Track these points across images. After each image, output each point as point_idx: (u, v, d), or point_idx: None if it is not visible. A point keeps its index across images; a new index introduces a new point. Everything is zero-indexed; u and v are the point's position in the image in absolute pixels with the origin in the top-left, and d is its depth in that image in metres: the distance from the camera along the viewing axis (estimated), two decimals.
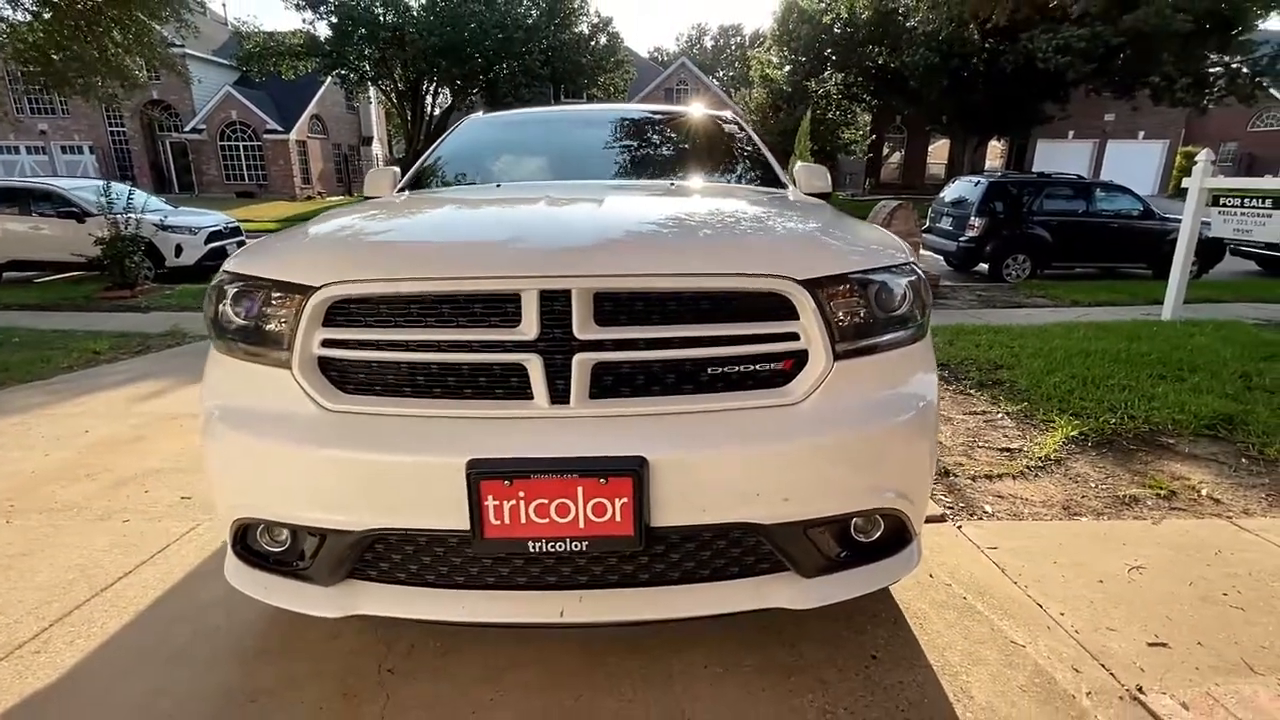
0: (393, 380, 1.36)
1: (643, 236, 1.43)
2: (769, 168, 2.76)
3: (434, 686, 1.58)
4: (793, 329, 1.35)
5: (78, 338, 5.90)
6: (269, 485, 1.38)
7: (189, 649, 1.73)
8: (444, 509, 1.26)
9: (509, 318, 1.30)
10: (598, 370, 1.31)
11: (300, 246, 1.51)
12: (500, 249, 1.34)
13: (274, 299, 1.39)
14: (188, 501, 2.67)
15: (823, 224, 1.63)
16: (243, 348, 1.44)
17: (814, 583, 1.41)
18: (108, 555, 2.21)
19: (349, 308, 1.35)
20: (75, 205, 9.66)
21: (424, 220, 1.72)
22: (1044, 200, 9.92)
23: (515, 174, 2.50)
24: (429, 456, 1.25)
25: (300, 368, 1.35)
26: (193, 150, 28.89)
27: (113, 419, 3.72)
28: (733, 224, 1.59)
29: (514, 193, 2.11)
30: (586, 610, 1.36)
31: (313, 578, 1.41)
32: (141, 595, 1.97)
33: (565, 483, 1.23)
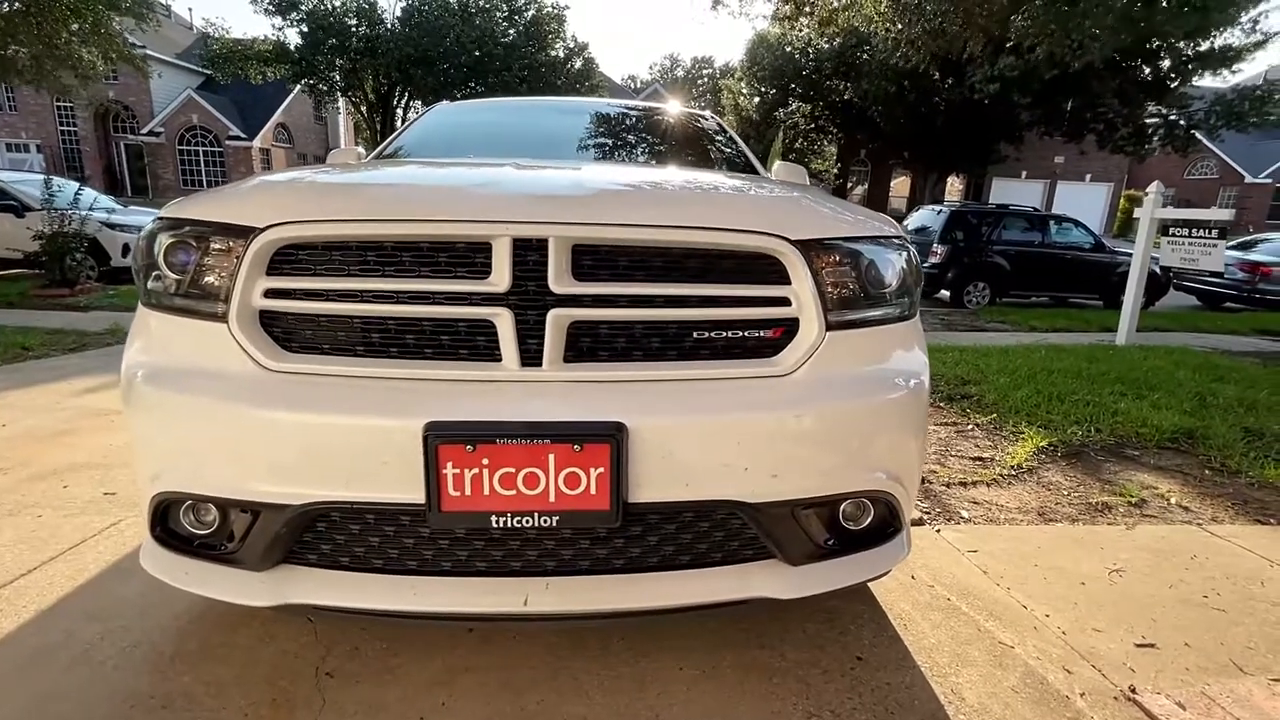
0: (344, 337, 1.22)
1: (628, 188, 1.34)
2: (748, 161, 2.71)
3: (379, 690, 1.41)
4: (784, 294, 1.27)
5: (6, 333, 5.50)
6: (196, 454, 1.21)
7: (94, 650, 1.51)
8: (396, 479, 1.12)
9: (477, 269, 1.18)
10: (574, 331, 1.20)
11: (245, 188, 1.36)
12: (471, 193, 1.23)
13: (211, 246, 1.24)
14: (111, 497, 2.43)
15: (813, 194, 1.56)
16: (173, 301, 1.28)
17: (801, 571, 1.30)
18: (10, 550, 1.96)
19: (296, 254, 1.21)
20: (14, 199, 9.15)
21: (388, 171, 1.59)
22: (1002, 230, 10.25)
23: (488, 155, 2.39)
24: (381, 419, 1.11)
25: (238, 321, 1.20)
26: (149, 153, 27.93)
27: (36, 412, 3.42)
28: (721, 186, 1.50)
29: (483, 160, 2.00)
30: (554, 599, 1.22)
31: (242, 561, 1.25)
32: (46, 592, 1.74)
33: (535, 449, 1.10)
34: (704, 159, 2.72)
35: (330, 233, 1.18)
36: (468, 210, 1.18)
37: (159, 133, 27.41)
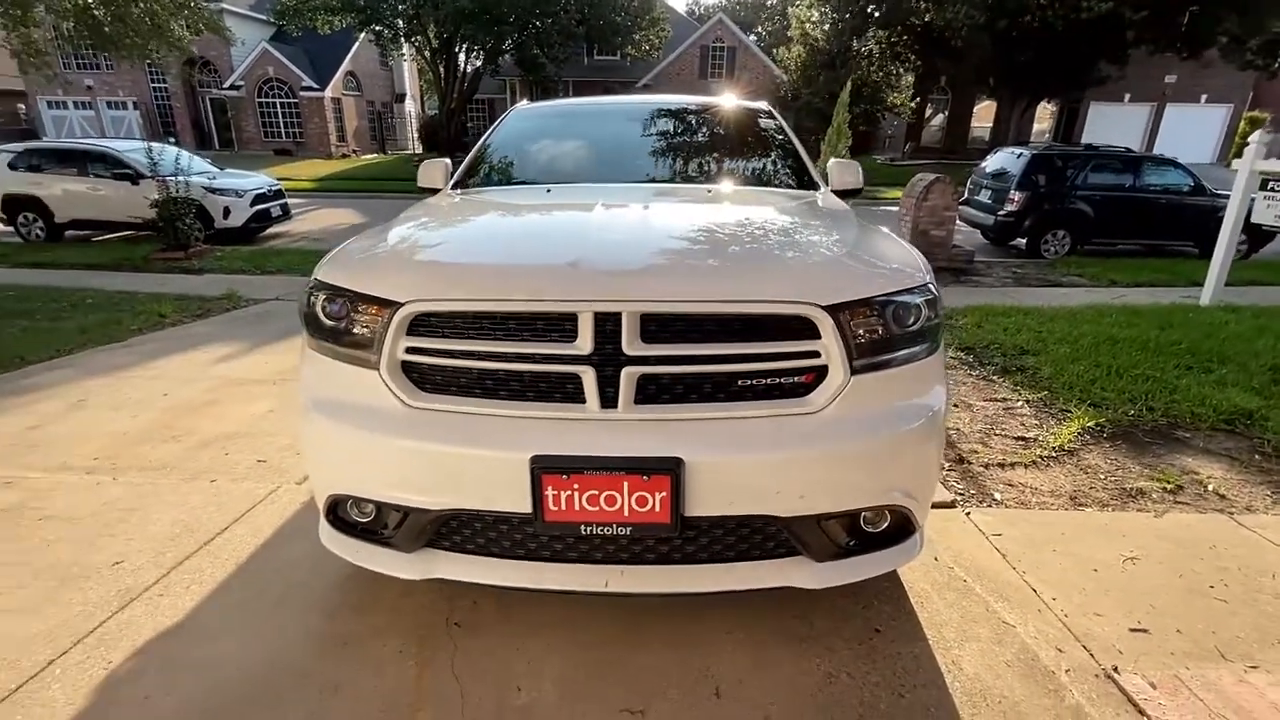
0: (465, 382, 1.58)
1: (685, 264, 1.61)
2: (802, 166, 2.87)
3: (494, 639, 1.85)
4: (815, 348, 1.53)
5: (141, 300, 6.29)
6: (360, 468, 1.62)
7: (286, 597, 2.03)
8: (510, 495, 1.49)
9: (566, 334, 1.50)
10: (642, 380, 1.51)
11: (386, 263, 1.72)
12: (561, 275, 1.53)
13: (364, 309, 1.61)
14: (263, 465, 2.98)
15: (849, 245, 1.78)
16: (336, 349, 1.67)
17: (825, 566, 1.62)
18: (204, 512, 2.52)
19: (429, 320, 1.56)
20: (129, 167, 10.04)
21: (490, 238, 1.92)
22: (1089, 174, 9.63)
23: (561, 173, 2.67)
24: (498, 451, 1.48)
25: (387, 370, 1.58)
26: (232, 107, 29.29)
27: (186, 383, 4.06)
28: (765, 248, 1.75)
29: (563, 199, 2.29)
30: (627, 582, 1.59)
31: (396, 545, 1.67)
32: (238, 550, 2.28)
33: (613, 478, 1.44)
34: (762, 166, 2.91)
35: (454, 308, 1.53)
36: (558, 292, 1.49)
37: (239, 86, 28.60)
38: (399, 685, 1.69)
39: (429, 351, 1.57)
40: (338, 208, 14.78)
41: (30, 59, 10.93)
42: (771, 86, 25.90)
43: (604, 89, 30.19)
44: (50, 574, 2.12)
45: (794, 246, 1.77)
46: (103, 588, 2.06)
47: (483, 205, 2.31)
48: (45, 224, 10.16)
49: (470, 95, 27.38)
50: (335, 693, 1.66)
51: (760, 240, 1.80)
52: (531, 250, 1.73)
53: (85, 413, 3.57)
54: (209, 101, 29.84)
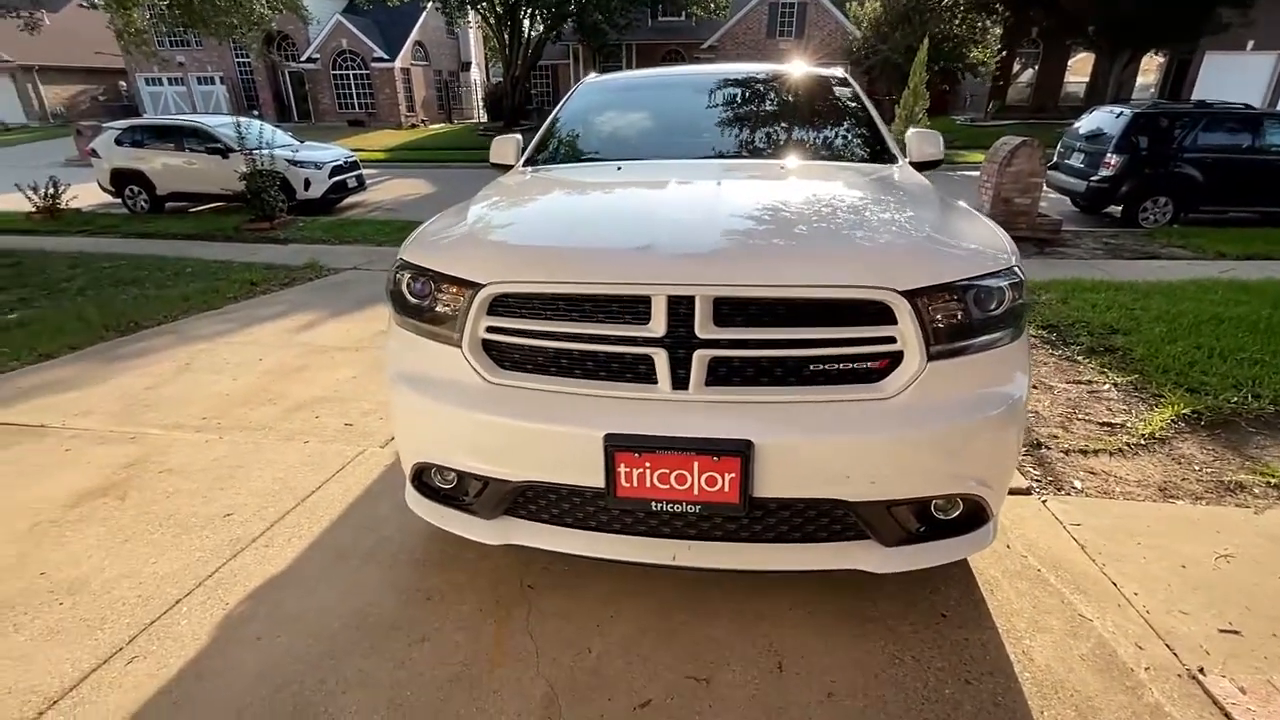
0: (541, 361, 1.64)
1: (757, 247, 1.60)
2: (878, 137, 2.77)
3: (566, 602, 1.95)
4: (890, 333, 1.50)
5: (235, 269, 6.74)
6: (443, 439, 1.73)
7: (374, 553, 2.19)
8: (584, 471, 1.56)
9: (640, 316, 1.53)
10: (713, 363, 1.53)
11: (467, 244, 1.79)
12: (635, 258, 1.55)
13: (447, 289, 1.69)
14: (350, 428, 3.18)
15: (928, 225, 1.72)
16: (420, 325, 1.76)
17: (893, 551, 1.62)
18: (299, 472, 2.74)
19: (507, 300, 1.62)
20: (220, 141, 10.64)
21: (564, 220, 1.95)
22: (1199, 134, 8.78)
23: (631, 149, 2.67)
24: (574, 428, 1.54)
25: (469, 347, 1.66)
26: (308, 80, 30.37)
27: (278, 349, 4.36)
28: (841, 230, 1.71)
29: (634, 177, 2.30)
30: (694, 557, 1.64)
31: (476, 511, 1.78)
32: (331, 507, 2.47)
33: (684, 458, 1.48)
34: (837, 137, 2.81)
35: (531, 290, 1.58)
36: (632, 275, 1.52)
37: (315, 59, 29.56)
38: (479, 640, 1.82)
39: (508, 331, 1.63)
40: (409, 178, 15.23)
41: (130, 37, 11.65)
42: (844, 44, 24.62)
43: (667, 52, 29.55)
44: (173, 522, 2.37)
45: (871, 228, 1.73)
46: (216, 537, 2.28)
47: (555, 184, 2.35)
48: (148, 196, 10.95)
49: (534, 62, 27.34)
50: (422, 644, 1.80)
51: (836, 221, 1.76)
52: (606, 233, 1.76)
53: (191, 375, 3.90)
54: (288, 75, 31.03)
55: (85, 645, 1.80)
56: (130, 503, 2.50)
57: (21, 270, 6.61)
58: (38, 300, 5.64)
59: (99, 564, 2.14)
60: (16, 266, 6.75)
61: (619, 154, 2.62)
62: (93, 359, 4.22)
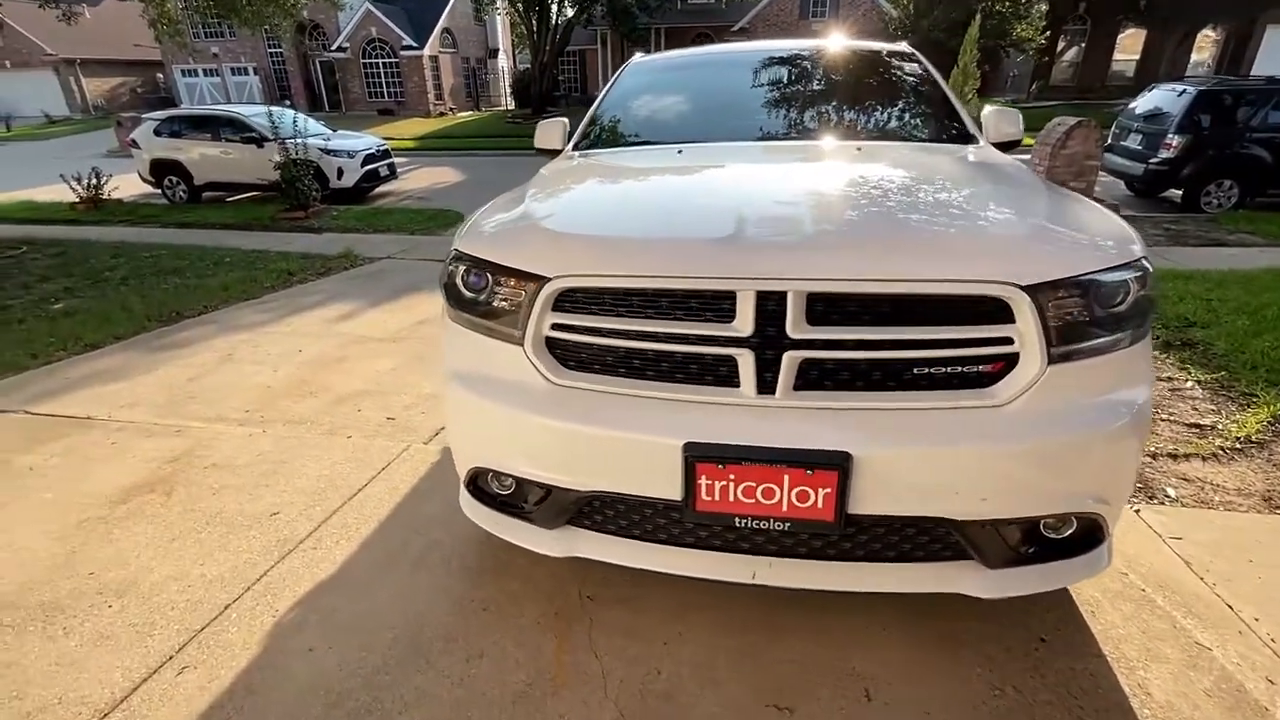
0: (611, 361, 1.51)
1: (858, 236, 1.44)
2: (956, 116, 2.56)
3: (629, 616, 1.83)
4: (1007, 333, 1.34)
5: (271, 258, 6.75)
6: (501, 444, 1.61)
7: (425, 557, 2.10)
8: (659, 481, 1.43)
9: (723, 314, 1.39)
10: (804, 365, 1.38)
11: (531, 234, 1.65)
12: (719, 249, 1.40)
13: (508, 283, 1.57)
14: (392, 422, 3.11)
15: (1043, 212, 1.54)
16: (476, 321, 1.64)
17: (998, 574, 1.46)
18: (344, 468, 2.66)
19: (575, 295, 1.49)
20: (254, 131, 10.69)
21: (636, 208, 1.79)
22: (1268, 112, 8.24)
23: (689, 131, 2.50)
24: (650, 436, 1.41)
25: (532, 346, 1.54)
26: (339, 69, 30.56)
27: (318, 339, 4.32)
28: (948, 215, 1.54)
29: (698, 161, 2.14)
30: (775, 575, 1.51)
31: (536, 520, 1.67)
32: (379, 506, 2.39)
33: (774, 470, 1.34)
34: (912, 117, 2.61)
35: (603, 284, 1.45)
36: (716, 268, 1.37)
37: (345, 48, 29.73)
38: (540, 657, 1.71)
39: (575, 328, 1.50)
40: (438, 166, 15.21)
41: (164, 27, 11.75)
42: (880, 24, 23.89)
43: (697, 35, 29.00)
44: (220, 521, 2.31)
45: (981, 215, 1.55)
46: (264, 537, 2.21)
47: (615, 170, 2.20)
48: (187, 186, 11.08)
49: (562, 48, 27.08)
50: (480, 659, 1.70)
51: (939, 208, 1.59)
52: (682, 222, 1.61)
53: (233, 366, 3.87)
54: (318, 64, 31.27)
55: (135, 653, 1.73)
56: (176, 499, 2.45)
57: (67, 260, 6.70)
58: (82, 290, 5.70)
59: (147, 564, 2.09)
60: (62, 256, 6.86)
61: (676, 137, 2.46)
62: (137, 349, 4.23)
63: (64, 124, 29.31)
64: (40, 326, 4.66)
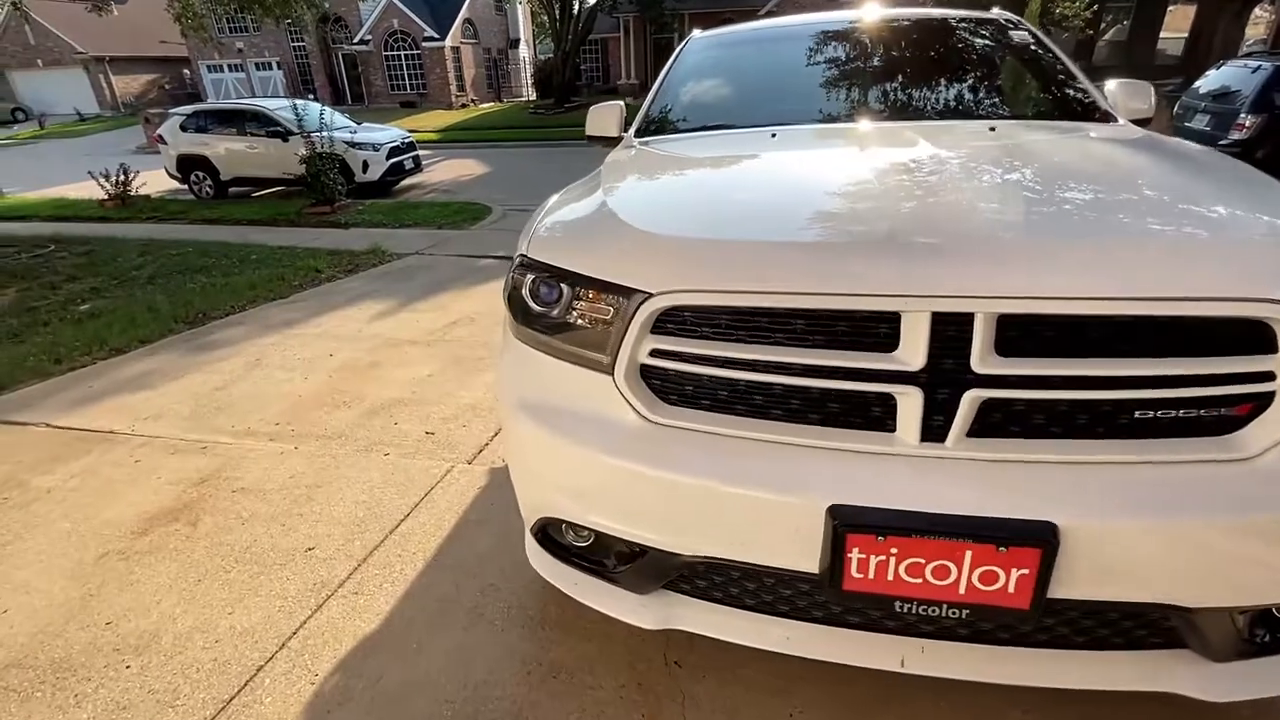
0: (726, 396, 1.21)
1: (1071, 238, 1.11)
2: (1085, 90, 2.20)
3: (726, 690, 1.55)
4: (1267, 366, 1.01)
5: (299, 255, 6.56)
6: (583, 492, 1.33)
7: (480, 607, 1.83)
8: (790, 550, 1.13)
9: (881, 340, 1.08)
10: (986, 406, 1.07)
11: (623, 239, 1.34)
12: (880, 258, 1.09)
13: (594, 298, 1.28)
14: (431, 437, 2.85)
15: (1275, 208, 1.21)
16: (549, 343, 1.36)
17: (1225, 669, 1.14)
18: (384, 493, 2.41)
19: (682, 315, 1.20)
20: (280, 125, 10.55)
21: (749, 205, 1.46)
22: None
23: (778, 113, 2.16)
24: (781, 494, 1.11)
25: (624, 375, 1.25)
26: (361, 62, 30.51)
27: (349, 341, 4.09)
28: (1168, 213, 1.21)
29: (803, 146, 1.82)
30: (931, 663, 1.21)
31: (623, 583, 1.38)
32: (424, 541, 2.13)
33: (951, 545, 1.04)
34: (1037, 92, 2.25)
35: (723, 302, 1.15)
36: (878, 281, 1.06)
37: (367, 40, 29.64)
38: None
39: (681, 355, 1.21)
40: (463, 158, 14.99)
41: (188, 21, 11.66)
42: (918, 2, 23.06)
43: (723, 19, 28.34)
44: (249, 558, 2.07)
45: (1209, 214, 1.21)
46: (299, 579, 1.97)
47: (705, 160, 1.89)
48: (213, 181, 10.99)
49: (584, 36, 26.60)
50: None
51: (1148, 204, 1.26)
52: (819, 222, 1.29)
53: (261, 372, 3.65)
54: (341, 57, 31.25)
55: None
56: (202, 531, 2.22)
57: (94, 259, 6.59)
58: (109, 290, 5.56)
59: (169, 611, 1.86)
60: (89, 255, 6.75)
61: (762, 119, 2.13)
62: (163, 353, 4.04)
63: (95, 121, 29.73)
64: (65, 330, 4.51)
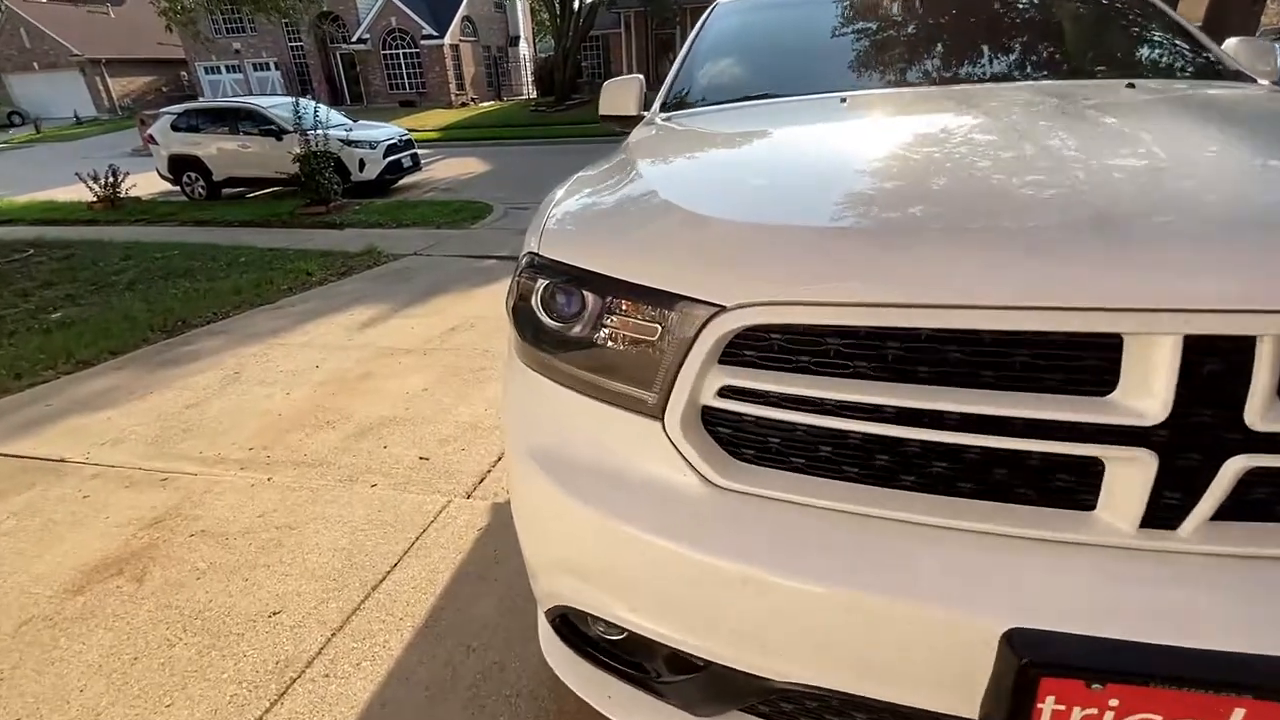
0: (827, 455, 0.84)
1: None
2: (1205, 47, 1.82)
3: None
4: None
5: (290, 257, 6.21)
6: (620, 584, 0.95)
7: (482, 692, 1.47)
8: (940, 689, 0.76)
9: (1088, 378, 0.71)
10: (1251, 478, 0.70)
11: (676, 229, 0.96)
12: (1092, 251, 0.72)
13: (637, 312, 0.91)
14: (425, 463, 2.49)
15: None
16: (579, 376, 0.99)
17: None
18: (368, 536, 2.04)
19: (768, 338, 0.82)
20: (273, 123, 10.20)
21: (859, 185, 1.04)
22: None
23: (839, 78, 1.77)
24: (928, 606, 0.74)
25: (681, 421, 0.87)
26: (359, 61, 30.16)
27: (337, 351, 3.73)
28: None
29: (888, 112, 1.44)
30: None
31: (675, 699, 1.01)
32: (413, 601, 1.76)
33: (1209, 702, 0.66)
34: (1152, 46, 1.87)
35: (838, 320, 0.77)
36: (1096, 288, 0.68)
37: (365, 39, 29.27)
38: None
39: (764, 397, 0.83)
40: (463, 156, 14.64)
41: (175, 16, 11.32)
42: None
43: None
44: (200, 625, 1.70)
45: None
46: (257, 655, 1.60)
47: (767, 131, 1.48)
48: (205, 182, 10.65)
49: (585, 33, 26.22)
50: None
51: None
52: (974, 207, 0.89)
53: (239, 387, 3.29)
54: (339, 57, 30.91)
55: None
56: (149, 588, 1.86)
57: (73, 263, 6.24)
58: (85, 297, 5.21)
59: (92, 705, 1.49)
60: (69, 259, 6.41)
61: (824, 86, 1.74)
62: (133, 367, 3.68)
63: (92, 124, 29.46)
64: (31, 341, 4.16)
